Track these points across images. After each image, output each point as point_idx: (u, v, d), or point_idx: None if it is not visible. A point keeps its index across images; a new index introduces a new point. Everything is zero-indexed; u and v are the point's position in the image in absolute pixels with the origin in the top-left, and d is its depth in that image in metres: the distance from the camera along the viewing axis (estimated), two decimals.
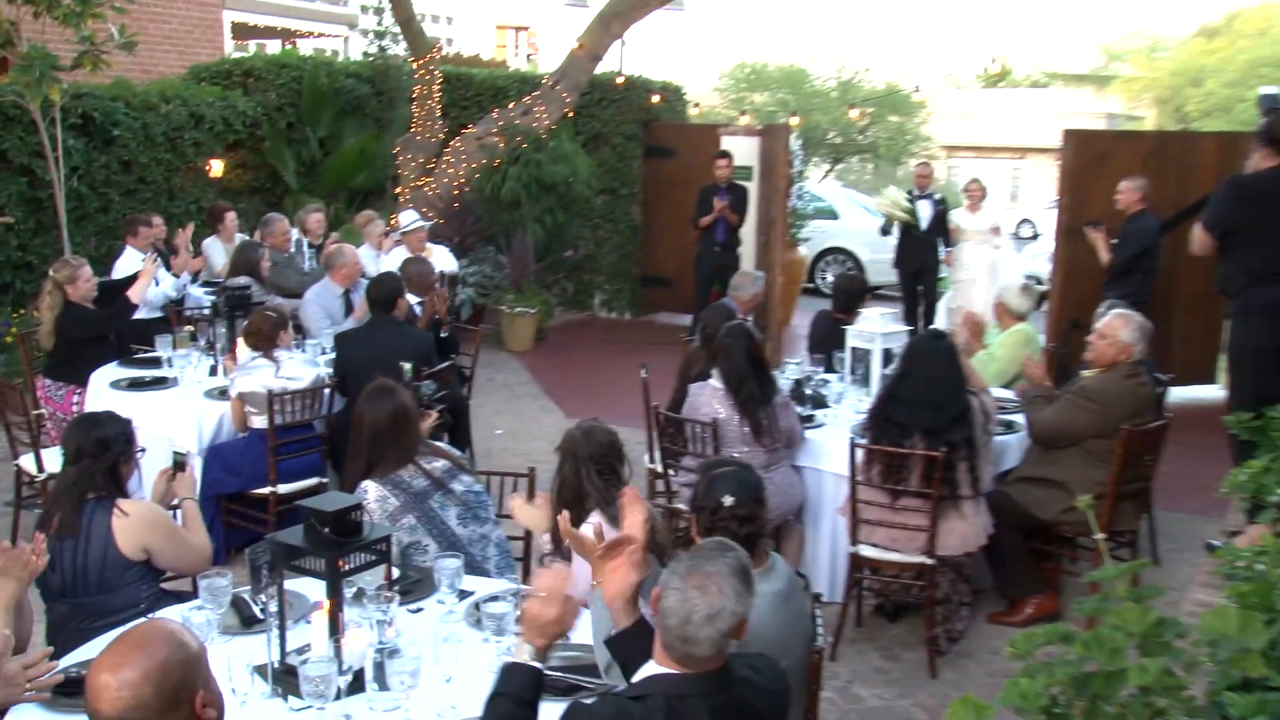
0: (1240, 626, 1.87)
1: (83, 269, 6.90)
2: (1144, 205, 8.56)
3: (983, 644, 5.36)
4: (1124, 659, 1.86)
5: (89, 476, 3.84)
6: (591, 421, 4.07)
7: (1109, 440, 5.22)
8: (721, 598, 2.46)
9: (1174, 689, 1.87)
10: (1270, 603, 2.31)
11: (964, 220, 11.59)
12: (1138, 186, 8.60)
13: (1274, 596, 2.33)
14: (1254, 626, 1.87)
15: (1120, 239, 8.54)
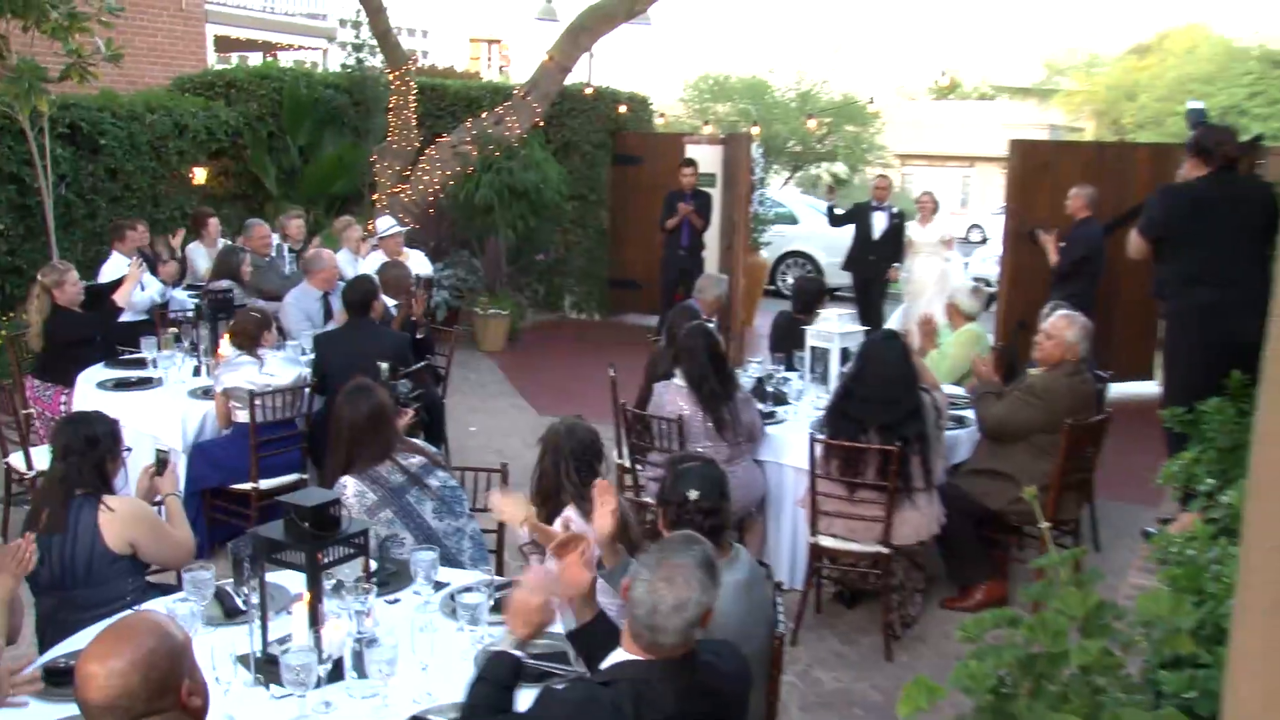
0: (1172, 608, 1.90)
1: (70, 273, 6.84)
2: (1090, 212, 8.69)
3: (935, 628, 5.40)
4: (1066, 641, 1.89)
5: (76, 473, 3.81)
6: (575, 419, 4.05)
7: (1054, 434, 5.28)
8: (688, 589, 2.47)
9: (1112, 668, 1.89)
10: (1200, 585, 2.35)
11: (915, 233, 11.10)
12: (1085, 194, 8.73)
13: (1203, 580, 2.36)
14: (1184, 608, 1.90)
15: (1067, 243, 8.65)
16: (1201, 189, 5.54)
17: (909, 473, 5.01)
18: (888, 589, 5.13)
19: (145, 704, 2.15)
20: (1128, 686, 1.92)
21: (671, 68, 49.62)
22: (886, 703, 4.69)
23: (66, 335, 6.76)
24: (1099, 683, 1.90)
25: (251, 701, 2.93)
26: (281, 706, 2.89)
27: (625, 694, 2.45)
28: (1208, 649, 2.13)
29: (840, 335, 6.25)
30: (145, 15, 14.60)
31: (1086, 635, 1.94)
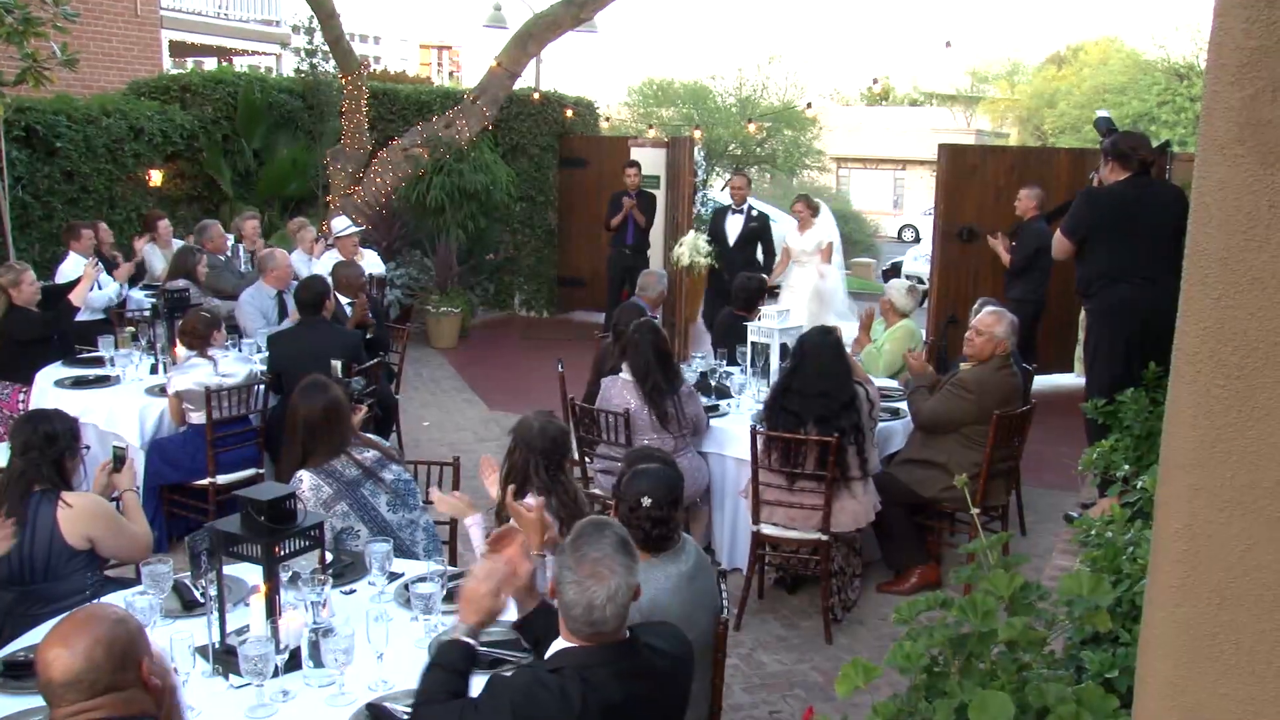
0: (1092, 587, 1.93)
1: (26, 273, 6.72)
2: (1039, 211, 8.83)
3: (872, 611, 5.45)
4: (995, 620, 1.92)
5: (35, 469, 3.76)
6: (547, 416, 4.00)
7: (983, 425, 5.35)
8: (614, 577, 2.50)
9: (1036, 644, 1.92)
10: (1118, 566, 2.39)
11: (792, 240, 9.98)
12: (1034, 195, 8.88)
13: (1121, 560, 2.41)
14: (1103, 587, 1.94)
15: (1018, 242, 8.81)
16: (1121, 192, 5.66)
17: (845, 462, 5.06)
18: (827, 575, 5.17)
19: (109, 676, 2.15)
20: (1052, 663, 1.96)
21: (616, 73, 49.67)
22: (826, 683, 4.74)
23: (23, 334, 6.63)
24: (1024, 660, 1.94)
25: (210, 691, 2.90)
26: (240, 696, 2.86)
27: (570, 679, 2.46)
28: (1125, 626, 2.18)
29: (780, 331, 6.29)
30: (101, 21, 14.34)
31: (1013, 614, 1.98)
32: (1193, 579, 1.34)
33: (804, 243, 9.77)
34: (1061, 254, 5.97)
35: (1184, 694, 1.35)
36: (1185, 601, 1.35)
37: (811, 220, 9.79)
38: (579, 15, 11.72)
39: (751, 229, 10.01)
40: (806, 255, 9.73)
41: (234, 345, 6.82)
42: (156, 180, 11.18)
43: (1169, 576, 1.37)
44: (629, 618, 2.59)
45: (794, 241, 9.89)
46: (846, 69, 69.74)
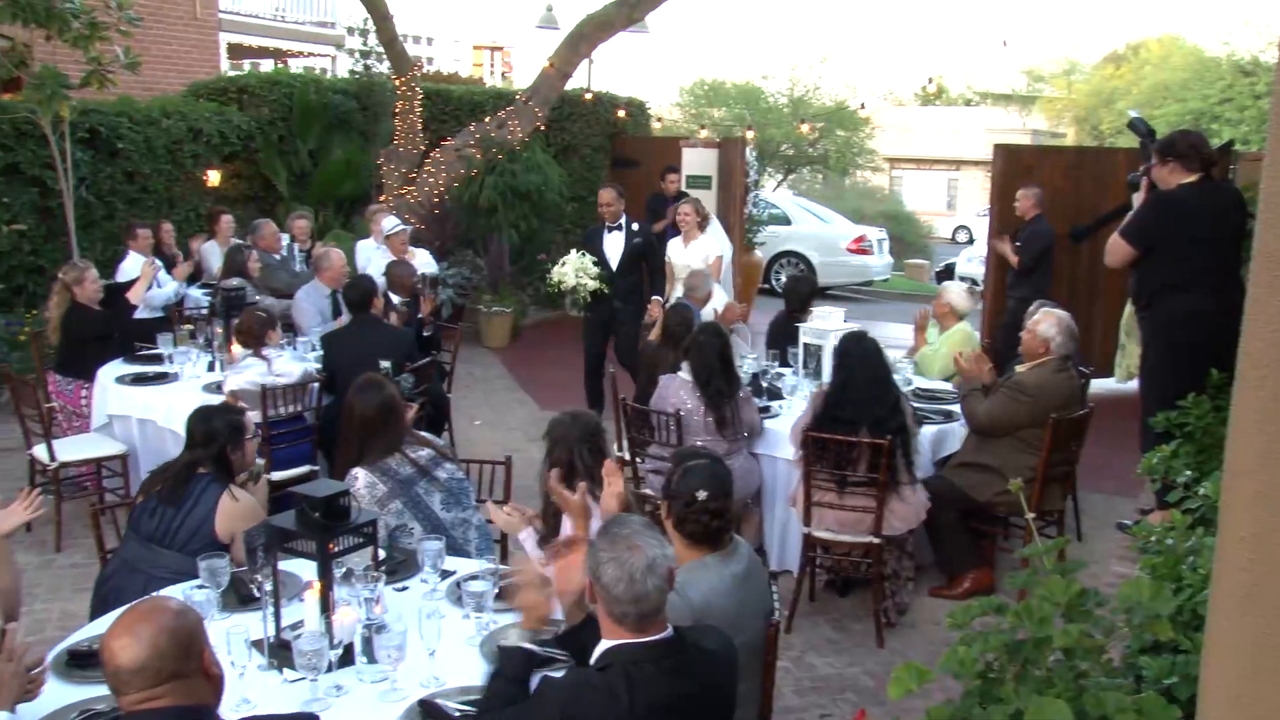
0: (1152, 595, 1.90)
1: (89, 271, 6.86)
2: (1040, 210, 8.80)
3: (925, 615, 5.40)
4: (1052, 627, 1.89)
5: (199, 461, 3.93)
6: (574, 409, 4.07)
7: (1039, 429, 5.28)
8: (650, 549, 2.52)
9: (1094, 651, 1.90)
10: (1178, 574, 2.35)
11: (675, 253, 8.52)
12: (1033, 194, 8.85)
13: (1181, 568, 2.36)
14: (1164, 595, 1.90)
15: (1022, 242, 8.77)
16: (1187, 197, 5.44)
17: (895, 465, 5.01)
18: (879, 578, 5.13)
19: (174, 664, 2.20)
20: (1109, 671, 1.93)
21: (668, 73, 49.69)
22: (878, 687, 4.70)
23: (83, 331, 6.77)
24: (1082, 667, 1.91)
25: (265, 685, 2.94)
26: (294, 690, 2.89)
27: (617, 676, 2.47)
28: (1186, 635, 2.14)
29: (833, 333, 6.25)
30: (162, 24, 14.61)
31: (1070, 621, 1.95)
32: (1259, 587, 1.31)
33: (689, 257, 8.34)
34: (1120, 260, 5.72)
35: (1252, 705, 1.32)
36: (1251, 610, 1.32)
37: (698, 231, 8.46)
38: (631, 15, 11.74)
39: (635, 246, 8.41)
40: (690, 270, 8.12)
41: (289, 344, 6.91)
42: (214, 180, 11.37)
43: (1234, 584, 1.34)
44: (680, 616, 2.59)
45: (678, 255, 8.43)
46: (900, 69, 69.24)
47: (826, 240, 17.35)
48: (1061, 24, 74.16)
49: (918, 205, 30.15)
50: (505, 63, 62.51)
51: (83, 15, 8.99)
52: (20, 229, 9.61)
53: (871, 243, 17.59)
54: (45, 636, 4.64)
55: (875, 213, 22.81)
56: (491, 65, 61.69)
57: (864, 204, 24.31)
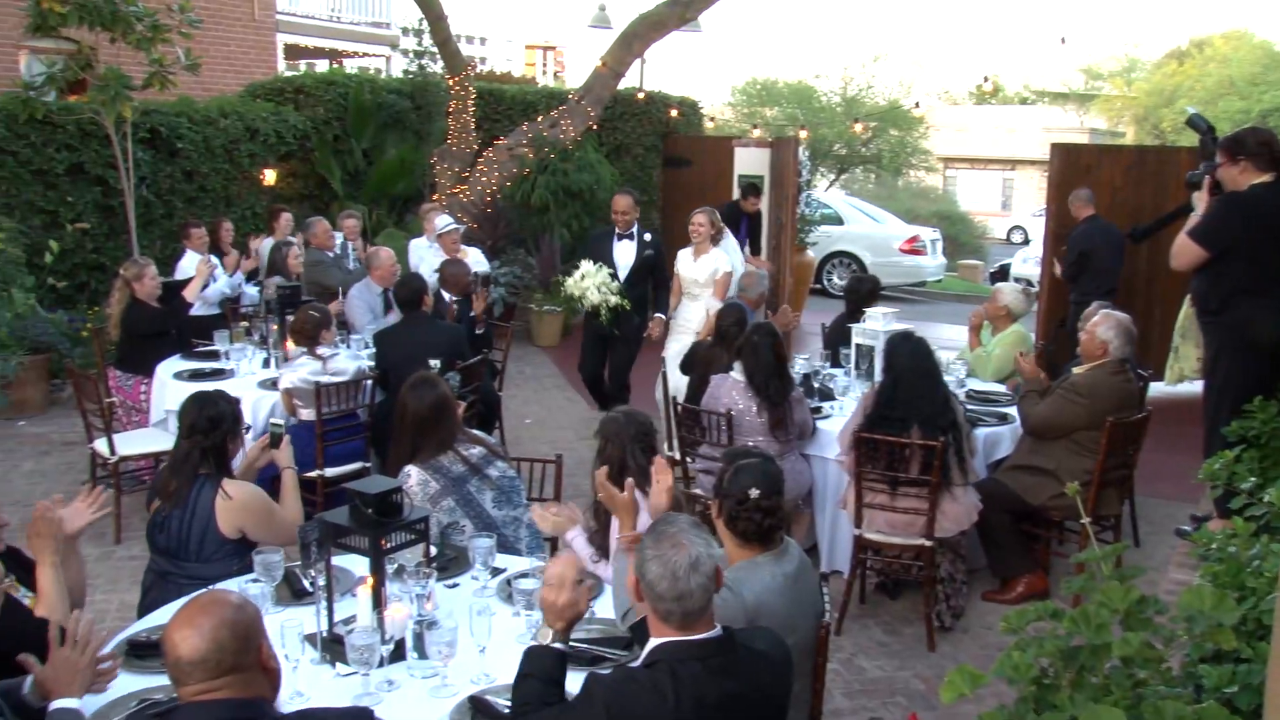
0: (1214, 604, 1.87)
1: (149, 268, 6.98)
2: (1091, 209, 8.78)
3: (977, 620, 5.34)
4: (1109, 633, 1.86)
5: (200, 452, 3.89)
6: (627, 408, 4.10)
7: (1096, 432, 5.20)
8: (694, 547, 2.52)
9: (1154, 660, 1.86)
10: (1241, 582, 2.30)
11: (683, 266, 7.92)
12: (1080, 197, 8.89)
13: (1245, 576, 2.32)
14: (1227, 604, 1.87)
15: (1068, 246, 8.68)
16: (1262, 197, 5.20)
17: (947, 463, 4.96)
18: (931, 581, 5.08)
19: (234, 657, 2.24)
20: (1169, 680, 1.90)
21: (721, 73, 49.57)
22: (928, 691, 4.66)
23: (142, 328, 6.89)
24: (1140, 675, 1.88)
25: (318, 678, 2.97)
26: (346, 684, 2.92)
27: (663, 674, 2.47)
28: (1249, 644, 2.10)
29: (885, 334, 6.20)
30: (221, 26, 14.84)
31: (1128, 629, 1.92)
32: None
33: (698, 270, 7.84)
34: (1189, 263, 5.47)
35: None
36: None
37: (710, 244, 7.85)
38: (684, 15, 11.73)
39: (647, 258, 8.02)
40: (699, 286, 7.79)
41: (343, 341, 6.98)
42: (270, 179, 11.53)
43: None
44: (733, 615, 2.58)
45: (686, 268, 7.88)
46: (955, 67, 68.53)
47: (879, 240, 17.23)
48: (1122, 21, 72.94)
49: (972, 205, 29.83)
50: (558, 62, 62.77)
51: (146, 18, 9.18)
52: (84, 227, 9.84)
53: (925, 243, 17.45)
54: (105, 627, 4.70)
55: (929, 213, 22.61)
56: (544, 65, 61.96)
57: (917, 204, 24.11)
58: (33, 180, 9.58)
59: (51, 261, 9.31)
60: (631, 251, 7.99)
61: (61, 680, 2.66)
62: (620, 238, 8.06)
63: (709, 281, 7.72)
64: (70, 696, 2.65)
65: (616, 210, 8.09)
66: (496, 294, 11.17)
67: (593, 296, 7.65)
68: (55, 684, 2.66)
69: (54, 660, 2.67)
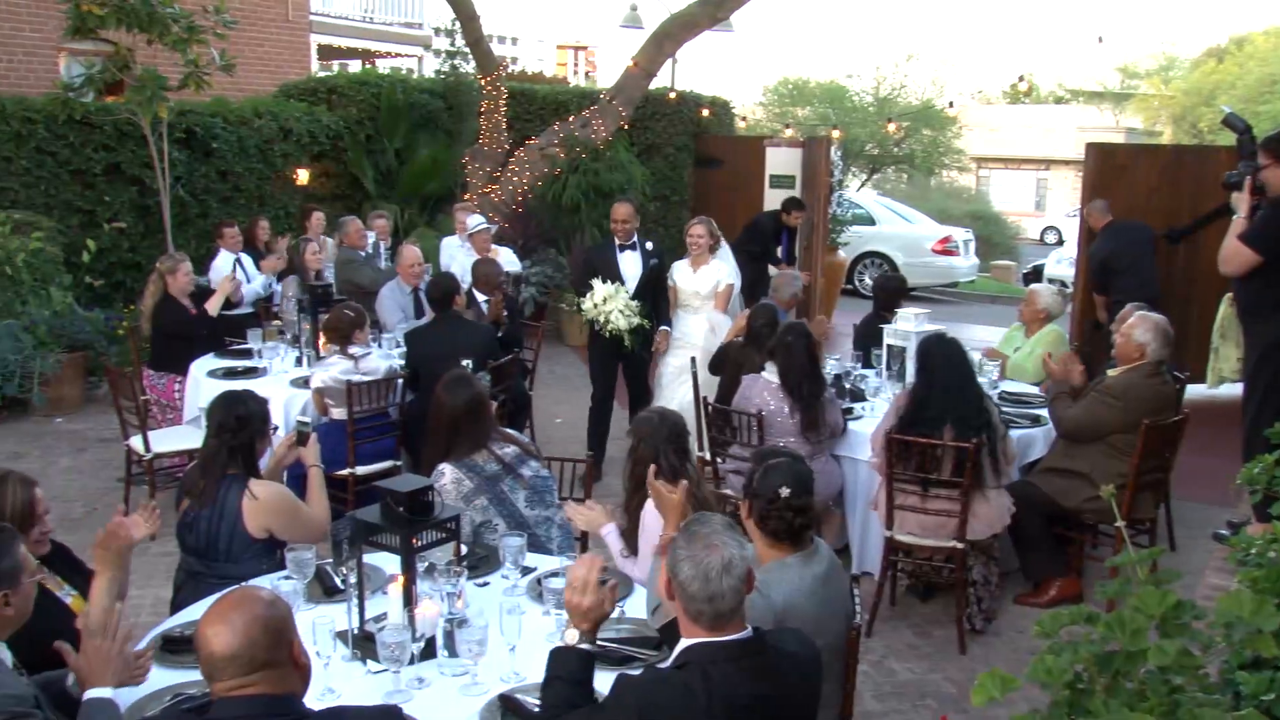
0: (1254, 610, 1.84)
1: (183, 264, 7.09)
2: (1108, 219, 8.77)
3: (1009, 623, 5.30)
4: (1145, 639, 1.84)
5: (228, 451, 3.90)
6: (661, 409, 4.10)
7: (1131, 434, 5.14)
8: (727, 549, 2.52)
9: (1191, 668, 1.84)
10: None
11: (681, 278, 7.44)
12: (1097, 207, 8.90)
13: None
14: (1267, 609, 1.84)
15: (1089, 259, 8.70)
16: None
17: (981, 464, 4.93)
18: (963, 583, 5.05)
19: (266, 653, 2.26)
20: (1206, 686, 1.87)
21: (752, 72, 49.45)
22: (959, 694, 4.62)
23: (171, 328, 6.99)
24: (1177, 681, 1.85)
25: (349, 675, 2.99)
26: (377, 681, 2.94)
27: (694, 675, 2.47)
28: None
29: (916, 334, 6.17)
30: (255, 26, 14.97)
31: (1165, 635, 1.89)
32: None
33: (698, 282, 7.38)
34: (1241, 268, 5.40)
35: None
36: None
37: (709, 255, 7.41)
38: (716, 15, 11.71)
39: (654, 269, 7.38)
40: (700, 299, 7.37)
41: (375, 340, 7.01)
42: (303, 179, 11.62)
43: None
44: (761, 617, 2.57)
45: (684, 280, 7.42)
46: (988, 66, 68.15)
47: (911, 241, 17.15)
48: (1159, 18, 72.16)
49: (1005, 205, 29.61)
50: (589, 62, 62.90)
51: (182, 19, 9.27)
52: (120, 226, 9.96)
53: (957, 243, 17.35)
54: (139, 622, 4.77)
55: (961, 213, 22.46)
56: (575, 65, 62.10)
57: (950, 204, 23.95)
58: (71, 180, 9.71)
59: (89, 260, 9.44)
60: (637, 263, 7.34)
61: (95, 669, 2.70)
62: (623, 249, 7.39)
63: (710, 294, 7.34)
64: (104, 686, 2.68)
65: (616, 219, 7.43)
66: (527, 293, 11.20)
67: (619, 322, 6.99)
68: (89, 673, 2.70)
69: (85, 650, 2.72)
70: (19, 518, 3.10)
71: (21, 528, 3.08)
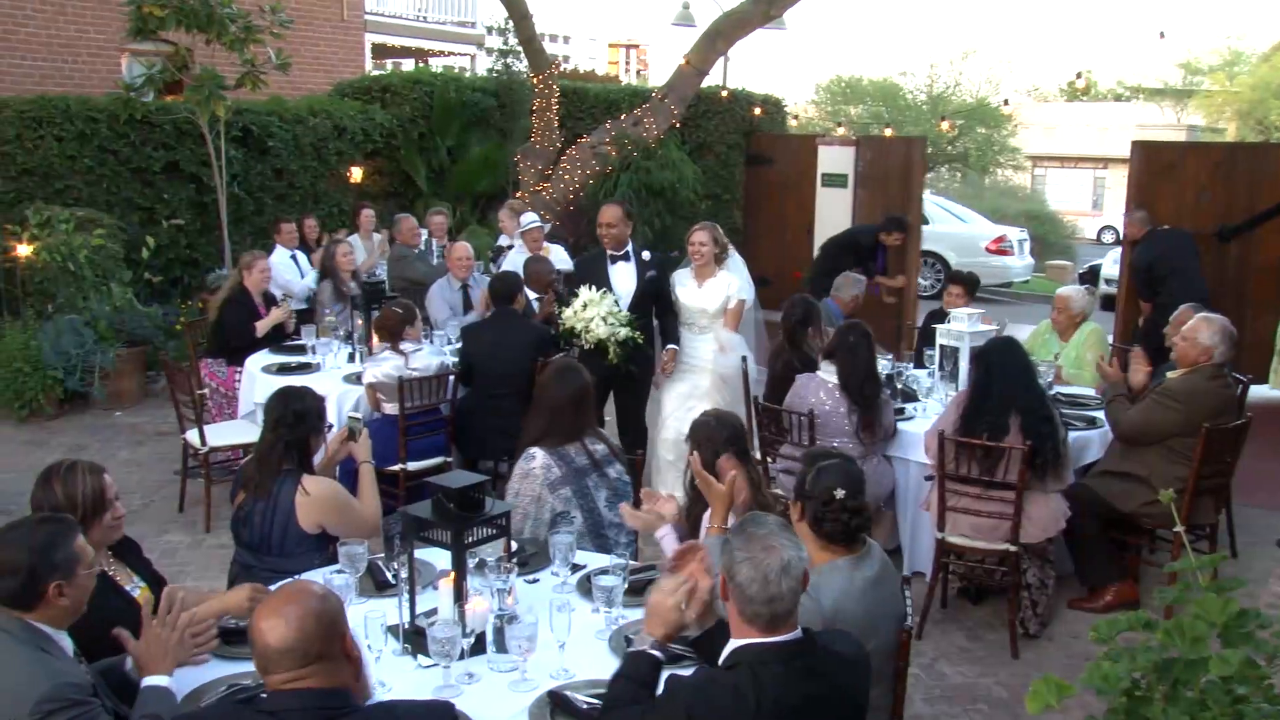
0: None
1: (261, 260, 7.34)
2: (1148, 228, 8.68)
3: (1063, 628, 5.23)
4: (1206, 647, 1.80)
5: (284, 446, 3.95)
6: (717, 410, 4.08)
7: (1191, 438, 5.04)
8: (785, 551, 2.51)
9: (1256, 678, 1.80)
10: None
11: (686, 293, 6.54)
12: (1139, 219, 8.82)
13: None
14: None
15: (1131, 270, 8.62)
16: None
17: (1045, 461, 4.85)
18: (1016, 586, 4.98)
19: (320, 646, 2.28)
20: (1271, 697, 1.83)
21: (805, 70, 49.17)
22: (1012, 699, 4.57)
23: (230, 321, 7.12)
24: (1240, 692, 1.81)
25: (400, 669, 3.01)
26: (428, 675, 2.95)
27: (745, 676, 2.46)
28: None
29: (970, 334, 6.10)
30: (310, 26, 15.14)
31: (1227, 643, 1.85)
32: None
33: (704, 299, 6.49)
34: None
35: None
36: None
37: (715, 266, 6.50)
38: (768, 12, 11.66)
39: (650, 281, 6.49)
40: (707, 317, 6.49)
41: (427, 336, 7.06)
42: (357, 176, 11.74)
43: None
44: (810, 620, 2.55)
45: (688, 295, 6.53)
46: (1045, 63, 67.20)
47: (964, 240, 16.95)
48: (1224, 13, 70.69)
49: (1061, 205, 29.19)
50: (641, 60, 62.96)
51: (239, 19, 9.41)
52: (178, 223, 10.11)
53: (1012, 243, 17.12)
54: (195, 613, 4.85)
55: (1016, 212, 22.19)
56: (627, 63, 62.19)
57: (1004, 203, 23.67)
58: (131, 178, 9.89)
59: (148, 257, 9.61)
60: (631, 275, 6.46)
61: (154, 655, 2.74)
62: (615, 259, 6.51)
63: (719, 311, 6.46)
64: (161, 672, 2.73)
65: (602, 223, 6.54)
66: None
67: (598, 330, 6.12)
68: (147, 659, 2.75)
69: (145, 636, 2.77)
70: (91, 503, 3.15)
71: (94, 514, 3.15)
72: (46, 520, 2.80)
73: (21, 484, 6.51)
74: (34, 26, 12.21)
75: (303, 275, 8.58)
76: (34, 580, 2.63)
